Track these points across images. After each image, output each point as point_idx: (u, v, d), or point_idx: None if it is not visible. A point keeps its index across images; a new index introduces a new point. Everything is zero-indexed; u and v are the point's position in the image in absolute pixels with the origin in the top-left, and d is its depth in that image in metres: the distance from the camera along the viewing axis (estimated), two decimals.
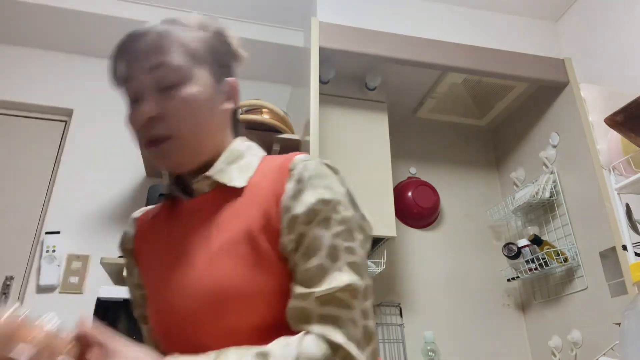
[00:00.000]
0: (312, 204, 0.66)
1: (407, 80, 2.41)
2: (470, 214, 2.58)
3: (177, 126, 0.71)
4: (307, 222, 0.65)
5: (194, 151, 0.73)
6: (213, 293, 0.65)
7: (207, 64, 0.76)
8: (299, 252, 0.65)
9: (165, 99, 0.71)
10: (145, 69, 0.72)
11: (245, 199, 0.71)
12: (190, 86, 0.72)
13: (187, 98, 0.71)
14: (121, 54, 0.75)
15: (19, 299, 2.01)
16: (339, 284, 0.61)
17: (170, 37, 0.75)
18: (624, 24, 2.03)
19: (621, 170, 1.62)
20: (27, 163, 2.25)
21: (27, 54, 2.40)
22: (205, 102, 0.73)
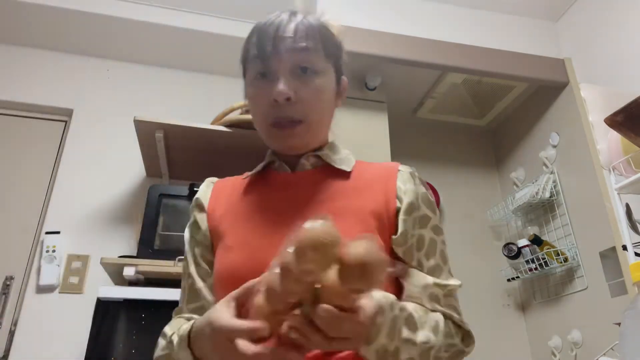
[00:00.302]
0: (429, 209, 0.79)
1: (407, 80, 2.41)
2: (470, 214, 2.58)
3: (309, 112, 0.76)
4: (423, 225, 0.78)
5: (314, 138, 0.81)
6: None
7: (333, 62, 0.82)
8: (421, 250, 0.77)
9: (301, 84, 0.75)
10: (289, 49, 0.75)
11: (352, 182, 0.79)
12: (322, 78, 0.78)
13: (319, 88, 0.77)
14: (265, 32, 0.78)
15: (18, 299, 2.01)
16: (455, 283, 0.78)
17: (317, 29, 0.80)
18: (624, 24, 2.03)
19: (621, 170, 1.62)
20: (27, 163, 2.25)
21: (27, 54, 2.40)
22: (330, 96, 0.80)
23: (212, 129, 1.94)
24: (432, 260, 0.77)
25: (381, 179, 0.80)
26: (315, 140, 0.81)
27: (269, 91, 0.74)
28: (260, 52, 0.76)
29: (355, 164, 0.84)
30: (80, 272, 2.03)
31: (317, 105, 0.78)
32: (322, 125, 0.81)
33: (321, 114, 0.79)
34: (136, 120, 1.87)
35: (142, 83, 2.48)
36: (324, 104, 0.79)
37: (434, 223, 0.80)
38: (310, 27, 0.79)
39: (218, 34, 2.37)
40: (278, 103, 0.74)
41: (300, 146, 0.80)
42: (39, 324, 1.92)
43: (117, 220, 2.17)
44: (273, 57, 0.75)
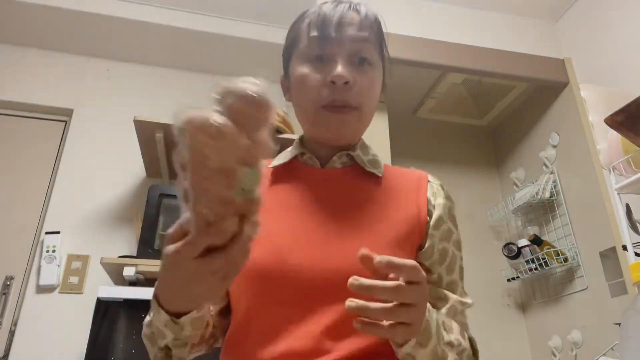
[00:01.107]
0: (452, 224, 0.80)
1: (407, 80, 2.41)
2: (470, 214, 2.58)
3: (364, 101, 0.75)
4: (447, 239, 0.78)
5: (363, 128, 0.80)
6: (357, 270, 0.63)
7: (382, 58, 0.81)
8: (443, 264, 0.77)
9: (358, 72, 0.74)
10: (351, 37, 0.74)
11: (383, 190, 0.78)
12: (375, 70, 0.77)
13: (374, 79, 0.77)
14: (329, 15, 0.75)
15: (18, 299, 2.01)
16: (469, 302, 0.79)
17: (377, 23, 0.80)
18: (623, 24, 2.03)
19: (621, 170, 1.62)
20: (27, 163, 2.25)
21: (27, 54, 2.40)
22: (379, 90, 0.80)
23: None
24: (452, 275, 0.78)
25: (412, 188, 0.79)
26: (361, 132, 0.81)
27: (325, 73, 0.72)
28: (322, 34, 0.74)
29: (385, 169, 0.83)
30: (80, 272, 2.03)
31: (372, 95, 0.77)
32: (370, 118, 0.80)
33: (373, 105, 0.79)
34: (136, 120, 1.87)
35: (142, 83, 2.48)
36: (376, 96, 0.79)
37: (456, 238, 0.80)
38: (371, 20, 0.79)
39: (218, 34, 2.37)
40: (335, 85, 0.72)
41: (348, 135, 0.78)
42: (39, 324, 1.92)
43: (117, 220, 2.16)
44: (335, 41, 0.73)
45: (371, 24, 0.78)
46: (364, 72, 0.75)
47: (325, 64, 0.73)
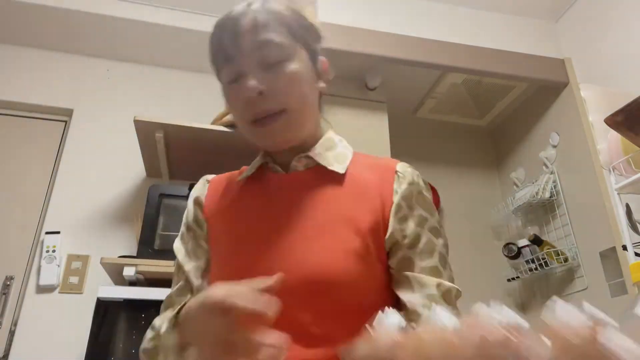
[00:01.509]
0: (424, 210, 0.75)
1: (407, 80, 2.41)
2: (470, 214, 2.58)
3: (286, 100, 0.72)
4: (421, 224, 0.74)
5: (301, 126, 0.76)
6: (317, 274, 0.68)
7: (304, 43, 0.77)
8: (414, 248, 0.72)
9: (271, 76, 0.72)
10: (250, 47, 0.72)
11: (347, 188, 0.75)
12: (293, 62, 0.73)
13: (292, 74, 0.73)
14: (223, 33, 0.75)
15: (18, 299, 2.01)
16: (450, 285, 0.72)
17: (273, 16, 0.74)
18: (624, 24, 2.03)
19: (621, 170, 1.62)
20: (27, 163, 2.25)
21: (27, 54, 2.40)
22: (307, 79, 0.76)
23: (212, 129, 1.94)
24: (429, 261, 0.73)
25: (377, 182, 0.76)
26: (304, 129, 0.76)
27: (242, 91, 0.72)
28: (223, 57, 0.75)
29: (351, 161, 0.79)
30: (80, 272, 2.03)
31: (295, 91, 0.73)
32: (306, 112, 0.76)
33: (301, 99, 0.74)
34: (136, 120, 1.87)
35: (142, 83, 2.48)
36: (302, 88, 0.74)
37: (432, 225, 0.76)
38: (269, 14, 0.74)
39: None
40: (252, 99, 0.71)
41: (288, 139, 0.75)
42: (39, 324, 1.92)
43: (117, 220, 2.16)
44: (236, 59, 0.73)
45: (271, 18, 0.74)
46: (279, 72, 0.72)
47: (240, 81, 0.73)
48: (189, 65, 2.54)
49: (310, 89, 0.77)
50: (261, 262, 0.71)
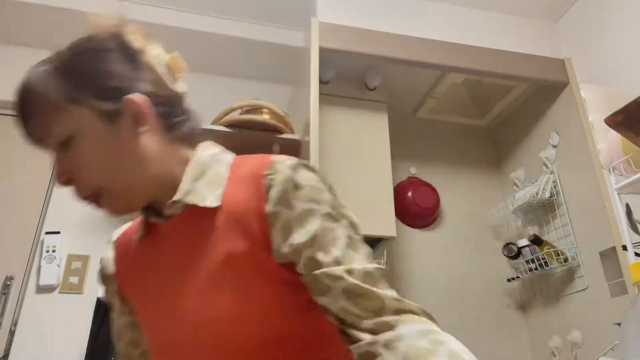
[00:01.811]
0: (308, 202, 0.64)
1: (407, 80, 2.41)
2: (470, 214, 2.58)
3: (95, 183, 0.65)
4: (306, 219, 0.64)
5: (130, 195, 0.67)
6: (209, 326, 0.64)
7: (84, 100, 0.65)
8: (312, 247, 0.63)
9: (69, 157, 0.66)
10: (34, 137, 0.68)
11: (222, 218, 0.66)
12: (79, 137, 0.65)
13: (80, 155, 0.65)
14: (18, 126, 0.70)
15: (18, 299, 2.01)
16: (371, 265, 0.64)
17: (32, 95, 0.67)
18: (624, 24, 2.03)
19: (621, 170, 1.62)
20: (27, 163, 2.25)
21: (27, 54, 2.40)
22: (101, 146, 0.65)
23: (212, 129, 1.94)
24: (335, 250, 0.62)
25: (249, 199, 0.65)
26: (139, 194, 0.68)
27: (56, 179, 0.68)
28: None
29: (228, 179, 0.69)
30: (80, 272, 2.03)
31: (93, 172, 0.65)
32: (126, 177, 0.66)
33: (110, 173, 0.65)
34: None
35: None
36: (103, 161, 0.65)
37: (325, 211, 0.64)
38: (29, 103, 0.67)
39: (218, 34, 2.37)
40: (68, 186, 0.67)
41: (127, 208, 0.69)
42: (39, 324, 1.92)
43: (117, 221, 2.16)
44: (38, 148, 0.71)
45: (32, 107, 0.66)
46: (72, 154, 0.65)
47: None
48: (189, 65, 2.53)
49: (117, 151, 0.65)
50: (161, 323, 0.69)
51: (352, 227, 0.66)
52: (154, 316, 0.71)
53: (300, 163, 0.67)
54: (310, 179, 0.66)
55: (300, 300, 0.66)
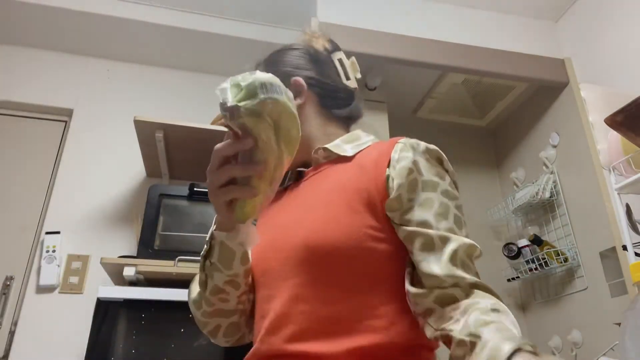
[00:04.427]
0: (433, 175, 0.77)
1: (407, 80, 2.41)
2: (470, 214, 2.58)
3: None
4: (432, 189, 0.75)
5: None
6: (299, 234, 0.76)
7: None
8: (429, 210, 0.73)
9: None
10: None
11: (351, 164, 0.82)
12: None
13: None
14: None
15: (18, 299, 2.01)
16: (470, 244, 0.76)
17: None
18: (624, 24, 2.03)
19: (621, 170, 1.62)
20: (27, 163, 2.25)
21: (27, 54, 2.40)
22: None
23: (212, 129, 1.94)
24: (444, 223, 0.72)
25: (380, 152, 0.80)
26: None
27: None
28: None
29: (369, 147, 0.86)
30: (80, 272, 2.03)
31: None
32: None
33: None
34: (136, 120, 1.87)
35: (142, 83, 2.48)
36: None
37: (444, 188, 0.76)
38: None
39: (218, 34, 2.37)
40: None
41: None
42: (39, 324, 1.92)
43: (117, 220, 2.16)
44: None
45: None
46: None
47: None
48: (189, 65, 2.54)
49: None
50: (273, 239, 0.81)
51: (460, 210, 0.77)
52: (262, 242, 0.81)
53: (425, 144, 0.82)
54: (435, 160, 0.80)
55: (379, 247, 0.73)
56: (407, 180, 0.73)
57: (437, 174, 0.77)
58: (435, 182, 0.76)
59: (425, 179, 0.75)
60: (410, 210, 0.72)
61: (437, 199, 0.74)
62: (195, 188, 1.86)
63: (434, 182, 0.76)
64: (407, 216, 0.72)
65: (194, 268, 1.69)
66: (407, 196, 0.73)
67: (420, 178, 0.75)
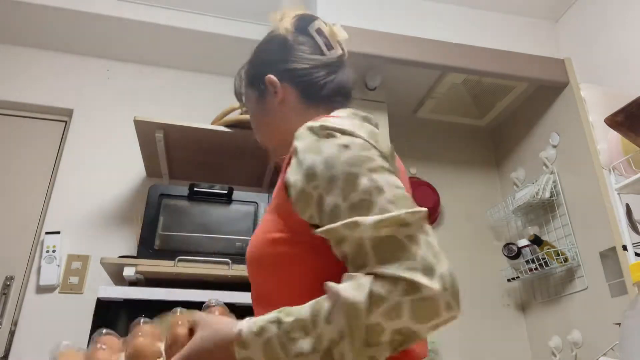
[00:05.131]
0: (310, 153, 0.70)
1: (407, 80, 2.41)
2: (470, 214, 2.58)
3: None
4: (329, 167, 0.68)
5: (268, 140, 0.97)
6: (248, 256, 0.79)
7: (250, 83, 0.97)
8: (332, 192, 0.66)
9: None
10: None
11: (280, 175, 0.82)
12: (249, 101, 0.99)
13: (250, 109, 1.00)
14: None
15: (18, 299, 2.01)
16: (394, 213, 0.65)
17: (239, 81, 1.02)
18: (624, 24, 2.03)
19: (621, 170, 1.62)
20: (27, 163, 2.25)
21: (27, 54, 2.40)
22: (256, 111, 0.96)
23: (212, 129, 1.94)
24: (354, 195, 0.64)
25: None
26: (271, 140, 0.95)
27: None
28: None
29: None
30: (80, 272, 2.03)
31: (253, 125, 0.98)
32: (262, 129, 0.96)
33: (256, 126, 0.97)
34: (136, 120, 1.87)
35: (142, 83, 2.48)
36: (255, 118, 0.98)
37: (344, 159, 0.67)
38: (237, 89, 1.02)
39: (218, 34, 2.37)
40: None
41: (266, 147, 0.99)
42: (39, 324, 1.92)
43: (117, 220, 2.16)
44: None
45: (237, 89, 1.02)
46: None
47: None
48: (189, 65, 2.54)
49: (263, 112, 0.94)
50: None
51: (375, 171, 0.70)
52: None
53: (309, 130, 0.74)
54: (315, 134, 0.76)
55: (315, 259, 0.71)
56: (301, 168, 0.77)
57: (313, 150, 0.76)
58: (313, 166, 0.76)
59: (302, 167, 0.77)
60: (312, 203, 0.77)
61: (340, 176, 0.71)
62: (195, 188, 1.86)
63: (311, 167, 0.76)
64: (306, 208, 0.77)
65: (194, 268, 1.69)
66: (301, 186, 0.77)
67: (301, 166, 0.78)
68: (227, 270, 1.69)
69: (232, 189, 1.90)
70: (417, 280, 0.57)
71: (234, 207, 1.90)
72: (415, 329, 0.57)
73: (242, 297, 1.47)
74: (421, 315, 0.57)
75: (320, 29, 0.94)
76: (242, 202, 1.90)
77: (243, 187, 1.98)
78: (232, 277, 1.68)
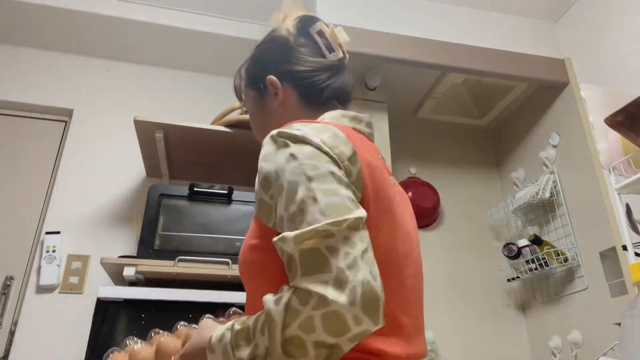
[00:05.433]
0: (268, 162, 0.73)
1: (407, 80, 2.41)
2: (470, 214, 2.58)
3: None
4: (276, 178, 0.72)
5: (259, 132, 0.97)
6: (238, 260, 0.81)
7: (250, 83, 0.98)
8: (280, 204, 0.69)
9: None
10: None
11: None
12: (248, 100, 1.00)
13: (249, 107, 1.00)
14: None
15: (18, 299, 2.01)
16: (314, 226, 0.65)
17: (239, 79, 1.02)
18: (624, 24, 2.03)
19: (621, 170, 1.62)
20: (27, 163, 2.25)
21: (27, 54, 2.40)
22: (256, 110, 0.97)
23: (212, 129, 1.94)
24: (292, 206, 0.65)
25: None
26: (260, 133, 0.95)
27: None
28: None
29: None
30: (80, 272, 2.03)
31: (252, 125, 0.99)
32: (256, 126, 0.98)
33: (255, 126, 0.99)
34: (136, 120, 1.87)
35: (142, 83, 2.48)
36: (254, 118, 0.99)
37: (289, 169, 0.68)
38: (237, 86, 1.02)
39: (218, 34, 2.37)
40: None
41: None
42: (39, 324, 1.92)
43: (117, 220, 2.16)
44: None
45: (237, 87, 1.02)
46: None
47: None
48: (189, 65, 2.54)
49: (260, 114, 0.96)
50: None
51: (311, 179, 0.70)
52: None
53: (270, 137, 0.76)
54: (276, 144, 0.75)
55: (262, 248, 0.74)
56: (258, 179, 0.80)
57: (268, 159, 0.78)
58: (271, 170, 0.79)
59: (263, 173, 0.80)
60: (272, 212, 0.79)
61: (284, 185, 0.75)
62: (195, 188, 1.87)
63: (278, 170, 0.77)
64: None
65: (194, 268, 1.69)
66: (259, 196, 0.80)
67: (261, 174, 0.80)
68: (227, 270, 1.69)
69: (232, 189, 1.90)
70: (325, 294, 0.57)
71: (234, 207, 1.90)
72: (333, 342, 0.58)
73: (242, 297, 1.46)
74: (332, 329, 0.57)
75: (322, 31, 0.94)
76: (242, 202, 1.90)
77: (243, 187, 1.98)
78: (232, 277, 1.69)
